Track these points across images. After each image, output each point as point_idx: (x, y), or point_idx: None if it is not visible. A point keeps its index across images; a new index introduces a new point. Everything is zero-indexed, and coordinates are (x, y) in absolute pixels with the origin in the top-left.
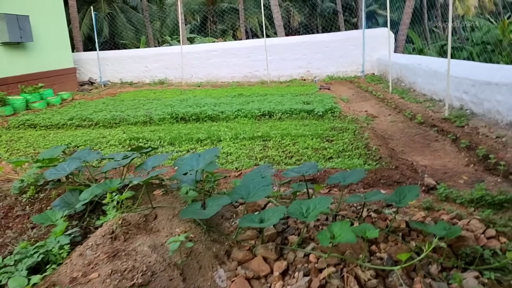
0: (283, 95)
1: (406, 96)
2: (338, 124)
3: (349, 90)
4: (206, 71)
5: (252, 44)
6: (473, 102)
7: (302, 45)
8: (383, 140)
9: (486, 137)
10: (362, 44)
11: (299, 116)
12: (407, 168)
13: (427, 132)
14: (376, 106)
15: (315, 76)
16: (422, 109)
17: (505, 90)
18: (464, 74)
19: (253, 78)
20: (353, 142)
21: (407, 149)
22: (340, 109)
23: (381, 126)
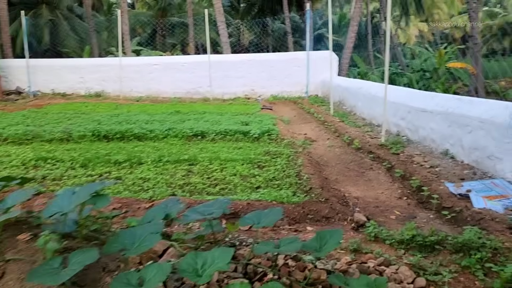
0: (223, 114)
1: (346, 119)
2: (273, 148)
3: (291, 111)
4: (147, 85)
5: (195, 59)
6: (409, 129)
7: (247, 63)
8: (318, 167)
9: (421, 166)
10: (307, 65)
11: (234, 137)
12: (338, 200)
13: (363, 159)
14: (316, 129)
15: (259, 95)
16: (360, 134)
17: (439, 118)
18: (401, 100)
19: (196, 95)
20: (286, 169)
21: (341, 177)
22: (278, 132)
23: (318, 151)
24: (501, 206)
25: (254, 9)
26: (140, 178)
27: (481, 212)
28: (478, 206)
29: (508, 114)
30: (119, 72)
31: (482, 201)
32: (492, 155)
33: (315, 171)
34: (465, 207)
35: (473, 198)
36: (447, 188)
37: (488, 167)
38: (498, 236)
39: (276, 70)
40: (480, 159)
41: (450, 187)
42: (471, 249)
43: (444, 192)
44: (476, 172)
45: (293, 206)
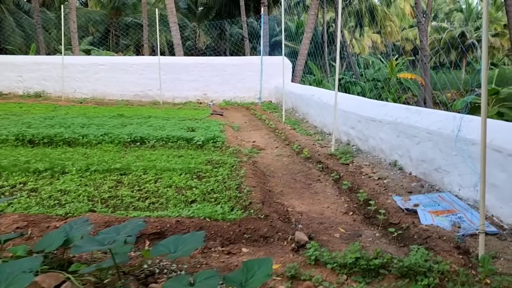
0: (169, 119)
1: (298, 127)
2: (217, 156)
3: (243, 117)
4: (92, 86)
5: (145, 60)
6: (359, 138)
7: (199, 67)
8: (263, 178)
9: (369, 178)
10: (260, 71)
11: (176, 144)
12: (279, 217)
13: (311, 170)
14: (266, 136)
15: (211, 100)
16: (311, 142)
17: (387, 128)
18: (352, 109)
19: (145, 98)
20: (227, 180)
21: (287, 190)
22: (224, 139)
23: (265, 161)
24: (448, 223)
25: (211, 12)
26: (59, 190)
27: (428, 229)
28: (425, 222)
29: (455, 125)
30: (62, 71)
31: (430, 217)
32: (440, 168)
33: (258, 183)
34: (412, 223)
35: (421, 213)
36: (394, 202)
37: (436, 180)
38: (446, 257)
39: (230, 74)
40: (427, 172)
41: (397, 201)
42: (417, 274)
43: (391, 207)
44: (423, 185)
45: (229, 224)
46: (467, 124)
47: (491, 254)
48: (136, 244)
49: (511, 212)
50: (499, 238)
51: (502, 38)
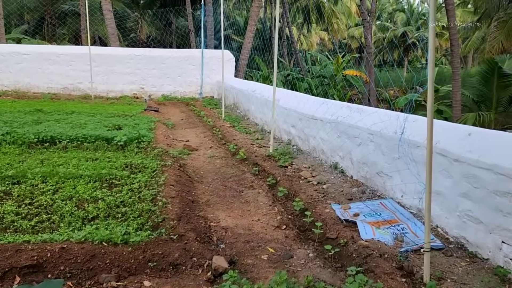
0: (95, 115)
1: (237, 124)
2: (139, 159)
3: (180, 113)
4: (14, 78)
5: (74, 51)
6: (300, 137)
7: (135, 59)
8: (188, 185)
9: (308, 182)
10: (201, 64)
11: (93, 145)
12: (197, 236)
13: (245, 174)
14: (202, 135)
15: (149, 95)
16: (249, 141)
17: (328, 127)
18: (292, 106)
19: (75, 91)
20: (143, 189)
21: (214, 198)
22: (151, 138)
23: (195, 163)
24: (390, 236)
25: (156, 2)
26: None
27: (369, 245)
28: (365, 237)
29: (398, 126)
30: None
31: (370, 230)
32: (382, 172)
33: (180, 192)
34: (351, 238)
35: (360, 226)
36: (333, 212)
37: (378, 185)
38: (387, 282)
39: (169, 68)
40: (369, 176)
41: (336, 209)
42: None
43: (329, 217)
44: (365, 191)
45: (130, 250)
46: (411, 125)
47: (437, 275)
48: (2, 281)
49: (457, 223)
50: (445, 254)
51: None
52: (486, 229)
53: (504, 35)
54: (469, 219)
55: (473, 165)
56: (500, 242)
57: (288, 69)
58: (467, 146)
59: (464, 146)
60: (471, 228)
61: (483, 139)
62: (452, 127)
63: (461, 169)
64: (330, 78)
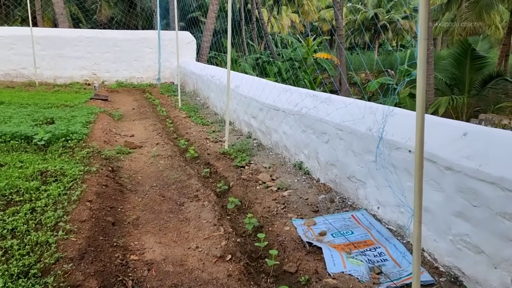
0: (28, 106)
1: (194, 114)
2: (59, 163)
3: (133, 102)
4: None
5: (15, 32)
6: (262, 131)
7: (85, 41)
8: (115, 197)
9: (266, 188)
10: (158, 47)
11: (7, 145)
12: (100, 285)
13: (191, 178)
14: (151, 128)
15: (103, 81)
16: (204, 135)
17: (292, 120)
18: (253, 94)
19: (18, 78)
20: (49, 209)
21: (147, 216)
22: (84, 135)
23: (134, 165)
24: (365, 267)
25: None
26: None
27: (337, 284)
28: (333, 270)
29: (374, 121)
30: None
31: (340, 260)
32: (354, 176)
33: (97, 211)
34: (315, 272)
35: (327, 254)
36: (294, 230)
37: (349, 192)
38: None
39: (124, 51)
40: (339, 180)
41: (298, 226)
42: None
43: (289, 239)
44: (334, 198)
45: None
46: (388, 120)
47: None
48: None
49: (450, 249)
50: None
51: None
52: (489, 262)
53: (475, 16)
54: (466, 246)
55: (471, 176)
56: (510, 280)
57: (258, 53)
58: (463, 151)
59: (459, 150)
60: (469, 258)
61: (485, 142)
62: (442, 124)
63: (456, 181)
64: (301, 62)
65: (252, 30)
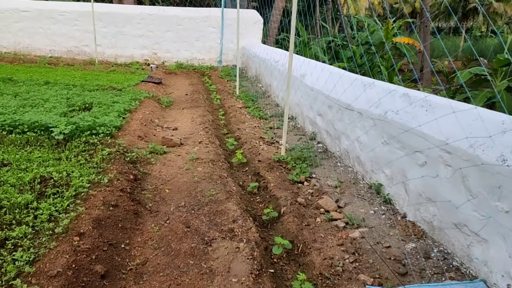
0: (73, 87)
1: (252, 105)
2: (71, 167)
3: (188, 86)
4: (14, 38)
5: (78, 8)
6: (329, 133)
7: (147, 18)
8: (123, 225)
9: (330, 221)
10: (221, 27)
11: (24, 138)
12: None
13: (231, 197)
14: (199, 119)
15: (163, 61)
16: (258, 133)
17: (370, 126)
18: (321, 86)
19: (80, 55)
20: (25, 244)
21: (159, 259)
22: (112, 128)
23: (166, 171)
24: None
25: None
26: None
27: None
28: None
29: (508, 144)
30: None
31: None
32: (465, 226)
33: (90, 251)
34: None
35: None
36: None
37: (455, 245)
38: None
39: (186, 30)
40: (438, 223)
41: None
42: None
43: None
44: (429, 252)
45: None
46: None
47: None
48: None
49: None
50: None
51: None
52: None
53: None
54: None
55: None
56: None
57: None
58: None
59: None
60: None
61: None
62: None
63: None
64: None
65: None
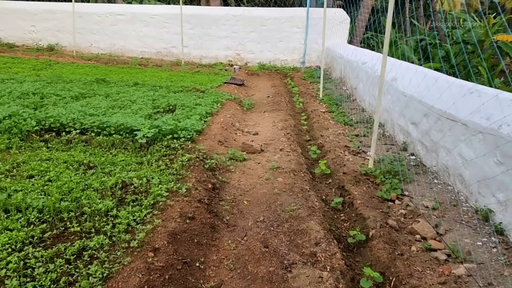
0: (159, 88)
1: (337, 109)
2: (151, 172)
3: (270, 88)
4: (110, 40)
5: (167, 10)
6: (424, 144)
7: (233, 20)
8: (198, 240)
9: (428, 251)
10: (306, 27)
11: (110, 140)
12: None
13: (314, 214)
14: (280, 124)
15: (246, 62)
16: (343, 141)
17: (479, 140)
18: (416, 91)
19: (168, 56)
20: (99, 255)
21: (234, 283)
22: (193, 132)
23: (245, 181)
24: None
25: None
26: None
27: None
28: None
29: None
30: (72, 21)
31: None
32: None
33: (164, 270)
34: None
35: None
36: None
37: None
38: None
39: (270, 30)
40: None
41: None
42: None
43: None
44: None
45: None
46: None
47: None
48: None
49: None
50: None
51: None
52: None
53: None
54: None
55: None
56: None
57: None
58: None
59: None
60: None
61: None
62: None
63: None
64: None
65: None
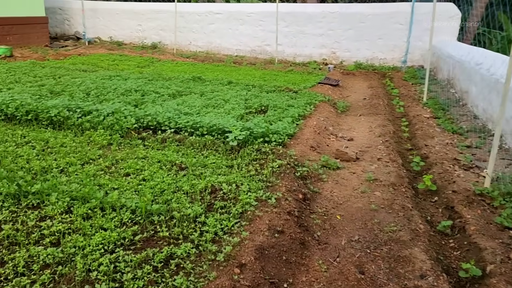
0: (252, 87)
1: (443, 115)
2: (240, 178)
3: (367, 89)
4: (208, 38)
5: (263, 8)
6: None
7: (329, 17)
8: (290, 257)
9: None
10: (410, 23)
11: (201, 140)
12: None
13: (417, 238)
14: (378, 130)
15: (341, 61)
16: (451, 152)
17: None
18: None
19: (262, 54)
20: (186, 265)
21: None
22: (285, 136)
23: (338, 192)
24: None
25: None
26: None
27: None
28: None
29: None
30: (174, 20)
31: None
32: None
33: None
34: None
35: None
36: None
37: None
38: None
39: (368, 27)
40: None
41: None
42: None
43: None
44: None
45: None
46: None
47: None
48: None
49: None
50: None
51: None
52: None
53: None
54: None
55: None
56: None
57: None
58: None
59: None
60: None
61: None
62: None
63: None
64: None
65: None
